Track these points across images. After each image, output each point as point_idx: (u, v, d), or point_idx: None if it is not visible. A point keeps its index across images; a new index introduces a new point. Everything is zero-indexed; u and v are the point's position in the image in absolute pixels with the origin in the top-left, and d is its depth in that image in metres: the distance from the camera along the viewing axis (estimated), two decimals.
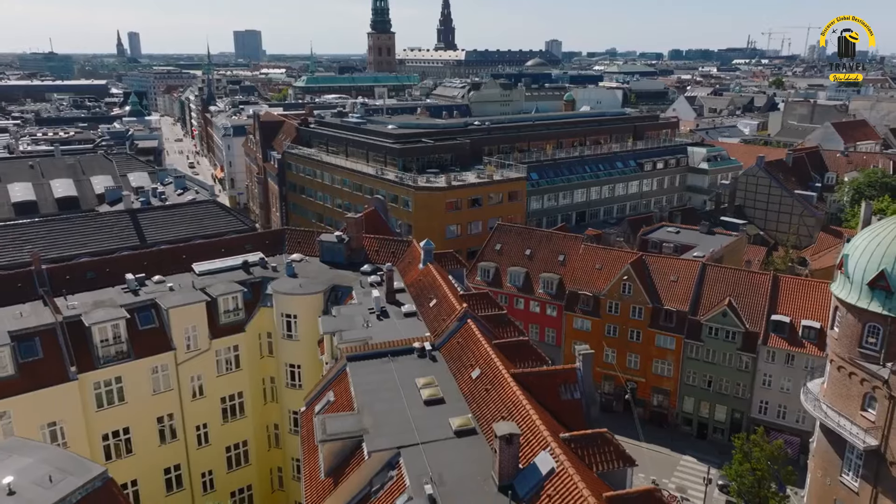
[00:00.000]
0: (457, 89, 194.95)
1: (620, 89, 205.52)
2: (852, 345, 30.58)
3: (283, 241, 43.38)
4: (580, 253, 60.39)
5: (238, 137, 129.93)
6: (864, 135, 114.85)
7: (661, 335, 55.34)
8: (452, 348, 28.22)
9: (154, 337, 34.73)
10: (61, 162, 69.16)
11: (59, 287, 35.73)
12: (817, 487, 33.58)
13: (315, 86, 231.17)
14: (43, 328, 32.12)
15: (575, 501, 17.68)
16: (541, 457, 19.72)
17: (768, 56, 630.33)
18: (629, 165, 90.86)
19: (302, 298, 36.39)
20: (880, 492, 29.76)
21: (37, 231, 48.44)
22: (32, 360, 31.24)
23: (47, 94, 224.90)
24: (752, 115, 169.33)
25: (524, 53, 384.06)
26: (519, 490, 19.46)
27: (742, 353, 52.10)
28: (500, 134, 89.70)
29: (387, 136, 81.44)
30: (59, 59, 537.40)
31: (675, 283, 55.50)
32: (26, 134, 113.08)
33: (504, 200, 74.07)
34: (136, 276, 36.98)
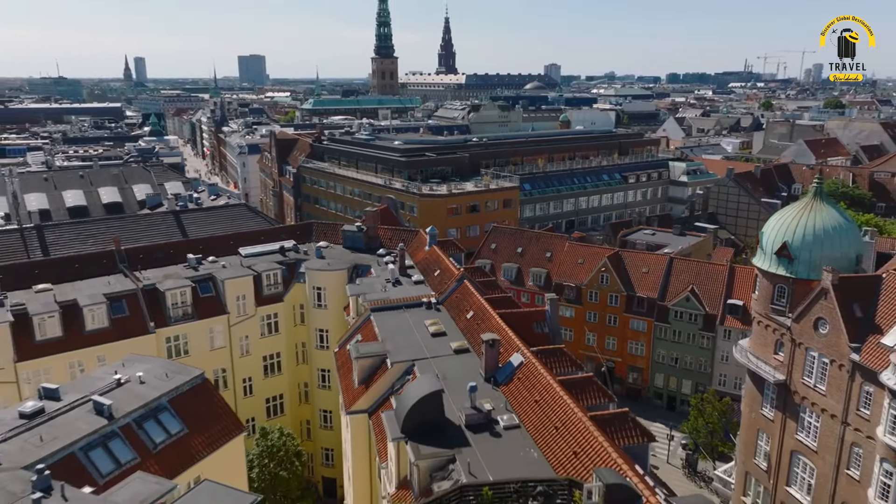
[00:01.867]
0: (457, 111, 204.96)
1: (613, 111, 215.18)
2: (767, 303, 38.87)
3: (311, 231, 51.92)
4: (565, 250, 68.75)
5: (253, 155, 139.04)
6: (835, 151, 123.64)
7: (634, 319, 63.56)
8: (453, 301, 36.59)
9: (212, 303, 43.14)
10: (106, 172, 77.93)
11: (134, 264, 44.23)
12: (746, 421, 41.70)
13: (321, 108, 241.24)
14: (127, 293, 40.58)
15: (537, 381, 26.00)
16: (514, 356, 28.07)
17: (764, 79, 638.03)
18: (614, 178, 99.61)
19: (329, 273, 44.80)
20: (787, 417, 37.86)
21: (101, 227, 57.18)
22: (121, 317, 39.65)
23: (65, 116, 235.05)
24: (737, 134, 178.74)
25: (523, 77, 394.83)
26: (498, 378, 27.79)
27: (703, 333, 60.23)
28: (496, 149, 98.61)
29: (393, 151, 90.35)
30: (68, 84, 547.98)
31: (647, 273, 63.81)
32: (59, 151, 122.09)
33: (499, 207, 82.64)
34: (195, 256, 45.47)
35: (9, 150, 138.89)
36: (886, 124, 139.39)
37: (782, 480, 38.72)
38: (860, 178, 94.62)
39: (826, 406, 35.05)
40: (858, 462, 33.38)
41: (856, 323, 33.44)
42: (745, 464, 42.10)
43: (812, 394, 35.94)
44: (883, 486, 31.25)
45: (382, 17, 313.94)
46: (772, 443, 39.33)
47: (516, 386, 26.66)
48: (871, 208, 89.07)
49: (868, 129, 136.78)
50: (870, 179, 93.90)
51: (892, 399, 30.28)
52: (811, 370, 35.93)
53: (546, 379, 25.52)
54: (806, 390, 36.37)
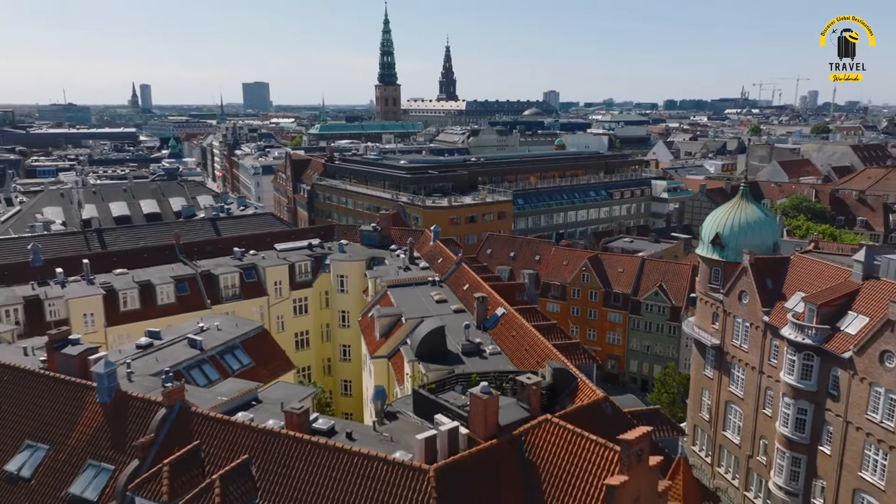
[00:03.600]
0: (457, 135, 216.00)
1: (606, 135, 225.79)
2: (706, 283, 48.21)
3: (333, 232, 61.46)
4: (552, 254, 78.14)
5: (266, 175, 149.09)
6: (807, 171, 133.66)
7: (611, 312, 72.78)
8: (452, 280, 45.98)
9: (255, 287, 52.48)
10: (146, 187, 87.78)
11: (190, 255, 53.68)
12: (693, 382, 50.84)
13: (328, 133, 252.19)
14: (188, 276, 50.00)
15: (514, 324, 35.29)
16: (498, 310, 37.40)
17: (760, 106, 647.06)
18: (600, 194, 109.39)
19: (351, 263, 54.22)
20: (722, 374, 46.98)
21: (149, 231, 66.81)
22: (184, 295, 48.99)
23: (83, 140, 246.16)
24: (722, 157, 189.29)
25: (522, 104, 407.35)
26: (486, 325, 37.08)
27: (670, 323, 69.32)
28: (492, 168, 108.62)
29: (400, 169, 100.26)
30: (76, 110, 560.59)
31: (622, 273, 73.14)
32: (89, 171, 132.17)
33: (495, 219, 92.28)
34: (240, 249, 54.94)
35: (39, 170, 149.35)
36: (857, 147, 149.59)
37: (720, 427, 47.76)
38: (822, 194, 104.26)
39: (748, 361, 44.25)
40: (770, 401, 42.49)
41: (768, 293, 42.78)
42: (693, 418, 51.16)
43: (739, 352, 45.15)
44: (784, 415, 40.29)
45: (386, 47, 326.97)
46: (712, 397, 48.43)
47: (499, 329, 35.97)
48: (832, 220, 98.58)
49: (840, 152, 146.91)
50: (831, 196, 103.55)
51: (789, 347, 39.48)
52: (737, 333, 45.20)
53: (520, 322, 34.87)
54: (734, 350, 45.59)
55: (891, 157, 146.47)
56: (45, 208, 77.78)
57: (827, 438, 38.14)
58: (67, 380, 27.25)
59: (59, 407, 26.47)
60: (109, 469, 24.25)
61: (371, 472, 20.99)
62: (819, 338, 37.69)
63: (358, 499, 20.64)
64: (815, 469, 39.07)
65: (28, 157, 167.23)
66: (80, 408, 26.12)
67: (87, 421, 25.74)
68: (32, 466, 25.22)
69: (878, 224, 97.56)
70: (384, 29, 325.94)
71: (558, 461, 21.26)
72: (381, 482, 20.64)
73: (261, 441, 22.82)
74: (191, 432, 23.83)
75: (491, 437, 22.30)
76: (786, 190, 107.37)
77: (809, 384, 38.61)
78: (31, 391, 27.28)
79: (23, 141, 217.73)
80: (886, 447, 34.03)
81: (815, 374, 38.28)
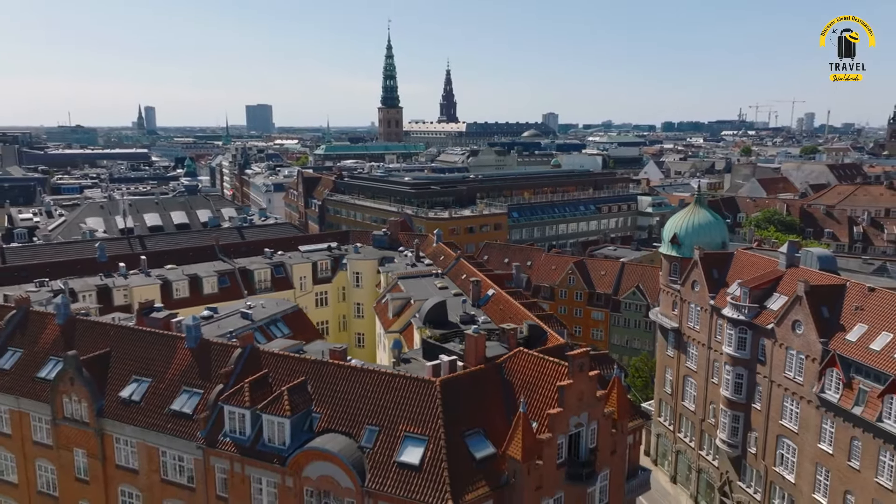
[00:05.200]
0: (457, 156, 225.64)
1: (600, 155, 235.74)
2: (667, 276, 56.95)
3: (348, 236, 70.37)
4: (542, 259, 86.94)
5: (278, 193, 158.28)
6: (784, 188, 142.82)
7: (594, 311, 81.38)
8: (452, 272, 54.78)
9: (283, 281, 61.24)
10: (175, 200, 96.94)
11: (228, 254, 62.51)
12: (658, 362, 59.39)
13: (333, 153, 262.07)
14: (228, 270, 58.82)
15: (502, 301, 44.08)
16: (489, 291, 46.18)
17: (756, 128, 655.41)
18: (589, 208, 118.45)
19: (365, 262, 63.03)
20: (681, 353, 55.54)
21: (183, 238, 75.76)
22: (224, 286, 57.76)
23: (97, 160, 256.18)
24: (710, 175, 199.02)
25: (521, 126, 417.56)
26: (480, 303, 45.83)
27: (646, 319, 77.81)
28: (489, 184, 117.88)
29: (404, 184, 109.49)
30: (84, 132, 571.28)
31: (604, 275, 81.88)
32: (113, 188, 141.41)
33: (491, 230, 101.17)
34: (269, 250, 63.77)
35: (64, 188, 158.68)
36: (833, 166, 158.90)
37: (680, 398, 56.23)
38: (793, 208, 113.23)
39: (700, 339, 52.85)
40: (717, 372, 51.04)
41: (714, 282, 51.49)
42: (658, 393, 59.68)
43: (692, 333, 53.77)
44: (726, 381, 48.79)
45: (389, 71, 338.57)
46: (673, 373, 56.97)
47: (490, 305, 44.74)
48: (801, 232, 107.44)
49: (817, 170, 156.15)
50: (801, 210, 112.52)
51: (728, 324, 48.12)
52: (691, 317, 53.84)
53: (507, 299, 43.68)
54: (689, 331, 54.21)
55: (862, 175, 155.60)
56: (88, 218, 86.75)
57: (758, 396, 46.62)
58: (161, 333, 36.03)
59: (156, 352, 35.17)
60: (199, 392, 32.89)
61: (394, 384, 29.73)
62: (750, 314, 46.37)
63: (385, 404, 29.31)
64: (749, 423, 47.51)
65: (51, 175, 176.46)
66: (172, 352, 34.82)
67: (178, 361, 34.42)
68: (141, 393, 33.85)
69: (844, 235, 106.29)
70: (387, 54, 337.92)
71: (526, 376, 30.01)
72: (402, 390, 29.36)
73: (313, 368, 31.57)
74: (260, 365, 32.55)
75: (480, 364, 31.04)
76: (760, 204, 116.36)
77: (744, 353, 47.20)
78: (134, 342, 36.01)
79: (42, 161, 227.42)
80: (798, 398, 42.55)
81: (748, 345, 46.90)
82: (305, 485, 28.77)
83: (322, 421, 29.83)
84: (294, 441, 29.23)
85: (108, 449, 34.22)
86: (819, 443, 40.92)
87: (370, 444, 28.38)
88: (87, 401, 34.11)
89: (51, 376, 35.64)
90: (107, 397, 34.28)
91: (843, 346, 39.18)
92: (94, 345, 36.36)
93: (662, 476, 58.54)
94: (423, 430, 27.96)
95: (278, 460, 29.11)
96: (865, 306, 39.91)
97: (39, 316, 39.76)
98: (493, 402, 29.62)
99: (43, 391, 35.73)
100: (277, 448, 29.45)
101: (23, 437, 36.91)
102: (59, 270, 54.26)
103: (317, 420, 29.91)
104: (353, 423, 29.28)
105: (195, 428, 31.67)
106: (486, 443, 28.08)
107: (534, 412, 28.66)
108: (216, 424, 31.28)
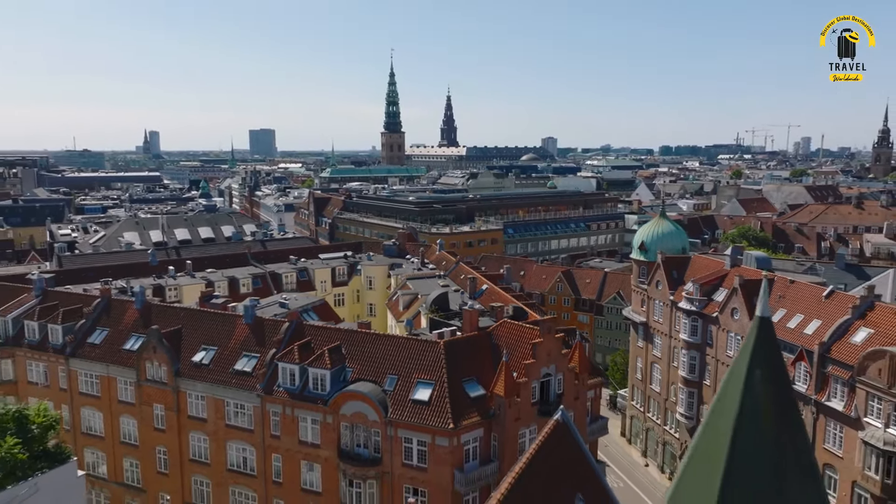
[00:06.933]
0: (457, 179, 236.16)
1: (594, 178, 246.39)
2: (637, 278, 66.49)
3: (361, 246, 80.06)
4: (533, 270, 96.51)
5: (288, 213, 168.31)
6: (763, 208, 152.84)
7: (580, 315, 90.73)
8: (453, 274, 64.34)
9: (306, 283, 70.73)
10: (201, 216, 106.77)
11: (258, 260, 72.13)
12: (631, 354, 68.72)
13: (338, 176, 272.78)
14: (260, 274, 68.41)
15: (495, 293, 53.64)
16: (484, 286, 55.76)
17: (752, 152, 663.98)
18: (580, 226, 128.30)
19: (377, 267, 72.63)
20: (648, 343, 64.90)
21: (216, 248, 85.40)
22: (257, 287, 67.22)
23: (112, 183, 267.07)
24: (699, 197, 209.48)
25: (520, 150, 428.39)
26: (475, 296, 55.34)
27: (626, 322, 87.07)
28: (487, 203, 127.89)
29: (409, 203, 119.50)
30: (90, 156, 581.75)
31: (589, 283, 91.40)
32: (135, 208, 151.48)
33: (488, 244, 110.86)
34: (294, 257, 73.40)
35: (87, 208, 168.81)
36: (810, 187, 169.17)
37: (648, 383, 65.49)
38: (767, 225, 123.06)
39: (663, 330, 62.25)
40: (676, 357, 60.38)
41: (674, 281, 61.01)
42: (631, 380, 68.95)
43: (657, 325, 63.19)
44: (683, 363, 58.13)
45: (391, 98, 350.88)
46: (643, 361, 66.27)
47: (484, 297, 54.23)
48: (774, 247, 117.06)
49: (795, 192, 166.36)
50: (774, 227, 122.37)
51: (684, 315, 57.54)
52: (656, 312, 63.30)
53: (498, 291, 53.22)
54: (655, 324, 63.63)
55: (836, 195, 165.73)
56: (125, 233, 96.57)
57: (707, 374, 55.92)
58: (223, 312, 45.58)
59: (219, 327, 44.64)
60: (256, 356, 42.30)
61: (409, 345, 39.24)
62: (700, 306, 55.86)
63: (402, 359, 38.74)
64: (702, 398, 56.76)
65: (74, 197, 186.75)
66: (233, 327, 44.30)
67: (238, 333, 43.89)
68: (209, 358, 43.26)
69: (812, 250, 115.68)
70: (390, 81, 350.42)
71: (509, 339, 39.50)
72: (415, 349, 38.84)
73: (346, 335, 41.13)
74: (304, 334, 42.02)
75: (474, 332, 40.55)
76: (736, 222, 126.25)
77: (696, 338, 56.58)
78: (201, 320, 45.51)
79: (61, 183, 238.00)
80: None
81: (699, 331, 56.31)
82: (342, 420, 38.09)
83: (354, 373, 39.22)
84: (333, 388, 38.58)
85: (182, 403, 43.56)
86: None
87: (391, 388, 37.74)
88: (167, 365, 43.52)
89: (135, 347, 45.11)
90: (181, 362, 43.69)
91: None
92: (167, 323, 45.77)
93: (635, 452, 67.63)
94: (431, 377, 37.34)
95: (321, 402, 38.46)
96: (786, 295, 49.42)
97: (120, 303, 49.37)
98: (484, 358, 39.02)
99: (128, 359, 45.17)
100: (320, 394, 38.80)
101: (110, 398, 46.24)
102: (119, 272, 63.84)
103: (349, 373, 39.31)
104: (377, 374, 38.67)
105: (255, 382, 41.06)
106: (478, 386, 37.45)
107: (514, 365, 38.04)
108: (271, 379, 40.66)
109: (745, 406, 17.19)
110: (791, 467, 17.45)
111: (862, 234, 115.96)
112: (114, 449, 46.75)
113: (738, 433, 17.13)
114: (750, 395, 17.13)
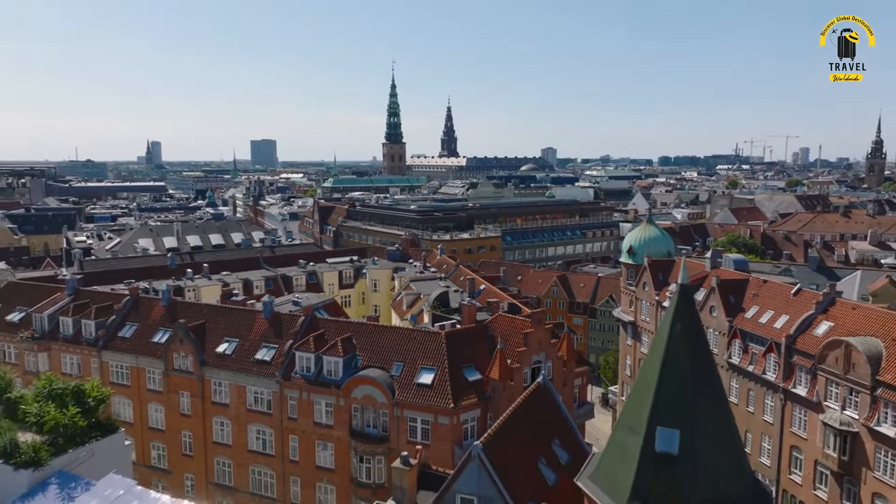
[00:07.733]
0: (457, 188, 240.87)
1: (592, 188, 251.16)
2: (626, 280, 70.84)
3: (366, 251, 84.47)
4: (530, 274, 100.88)
5: (293, 221, 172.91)
6: (755, 216, 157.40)
7: (575, 317, 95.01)
8: (453, 276, 68.72)
9: (315, 286, 75.08)
10: (211, 224, 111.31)
11: (269, 264, 76.54)
12: (621, 351, 72.99)
13: (340, 186, 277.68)
14: (272, 276, 72.79)
15: (491, 292, 58.02)
16: (481, 286, 60.14)
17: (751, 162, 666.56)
18: (575, 233, 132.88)
19: (382, 271, 77.03)
20: (636, 341, 69.17)
21: (226, 254, 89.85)
22: (269, 288, 71.52)
23: (118, 193, 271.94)
24: (694, 206, 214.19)
25: (520, 160, 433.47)
26: (473, 295, 59.71)
27: (618, 323, 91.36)
28: (486, 211, 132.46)
29: (411, 212, 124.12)
30: (94, 166, 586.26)
31: (583, 287, 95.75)
32: (144, 217, 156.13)
33: (487, 251, 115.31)
34: (304, 261, 77.81)
35: (97, 217, 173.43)
36: (800, 197, 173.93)
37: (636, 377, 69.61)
38: (756, 233, 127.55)
39: (649, 328, 66.54)
40: None
41: (659, 282, 65.36)
42: (621, 377, 73.20)
43: (644, 324, 67.51)
44: None
45: (393, 109, 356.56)
46: (631, 359, 70.52)
47: (482, 296, 58.58)
48: (762, 254, 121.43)
49: (786, 201, 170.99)
50: (763, 235, 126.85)
51: None
52: (643, 311, 67.64)
53: (495, 290, 57.57)
54: (642, 323, 67.94)
55: (825, 204, 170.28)
56: (140, 239, 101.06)
57: None
58: (243, 308, 49.96)
59: (240, 321, 48.98)
60: (274, 346, 46.60)
61: (413, 335, 43.58)
62: None
63: (407, 348, 43.06)
64: None
65: (83, 206, 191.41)
66: (253, 321, 48.64)
67: (257, 327, 48.22)
68: (231, 349, 47.55)
69: (799, 256, 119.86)
70: (391, 93, 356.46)
71: (504, 330, 43.84)
72: (419, 339, 43.18)
73: (356, 327, 45.50)
74: (318, 327, 46.36)
75: (472, 324, 44.90)
76: (726, 230, 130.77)
77: None
78: (223, 315, 49.86)
79: (69, 193, 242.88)
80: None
81: None
82: (353, 403, 42.36)
83: (364, 361, 43.53)
84: (345, 374, 42.88)
85: (207, 390, 47.82)
86: (728, 397, 54.34)
87: (398, 373, 42.04)
88: (193, 355, 47.82)
89: (163, 340, 49.43)
90: (206, 353, 47.97)
91: (742, 322, 52.98)
92: (192, 318, 50.07)
93: None
94: (434, 363, 41.64)
95: (335, 387, 42.74)
96: (760, 294, 53.76)
97: (147, 300, 53.77)
98: (481, 346, 43.34)
99: (157, 351, 49.47)
100: (333, 379, 43.08)
101: (139, 387, 50.52)
102: (140, 274, 68.21)
103: (360, 360, 43.63)
104: (385, 361, 42.98)
105: (273, 370, 45.34)
106: (476, 372, 41.75)
107: (508, 353, 42.35)
108: (289, 366, 44.94)
109: (670, 348, 22.13)
110: (701, 387, 22.24)
111: (847, 242, 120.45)
112: (142, 434, 50.92)
113: (665, 366, 22.03)
114: (672, 341, 22.04)
